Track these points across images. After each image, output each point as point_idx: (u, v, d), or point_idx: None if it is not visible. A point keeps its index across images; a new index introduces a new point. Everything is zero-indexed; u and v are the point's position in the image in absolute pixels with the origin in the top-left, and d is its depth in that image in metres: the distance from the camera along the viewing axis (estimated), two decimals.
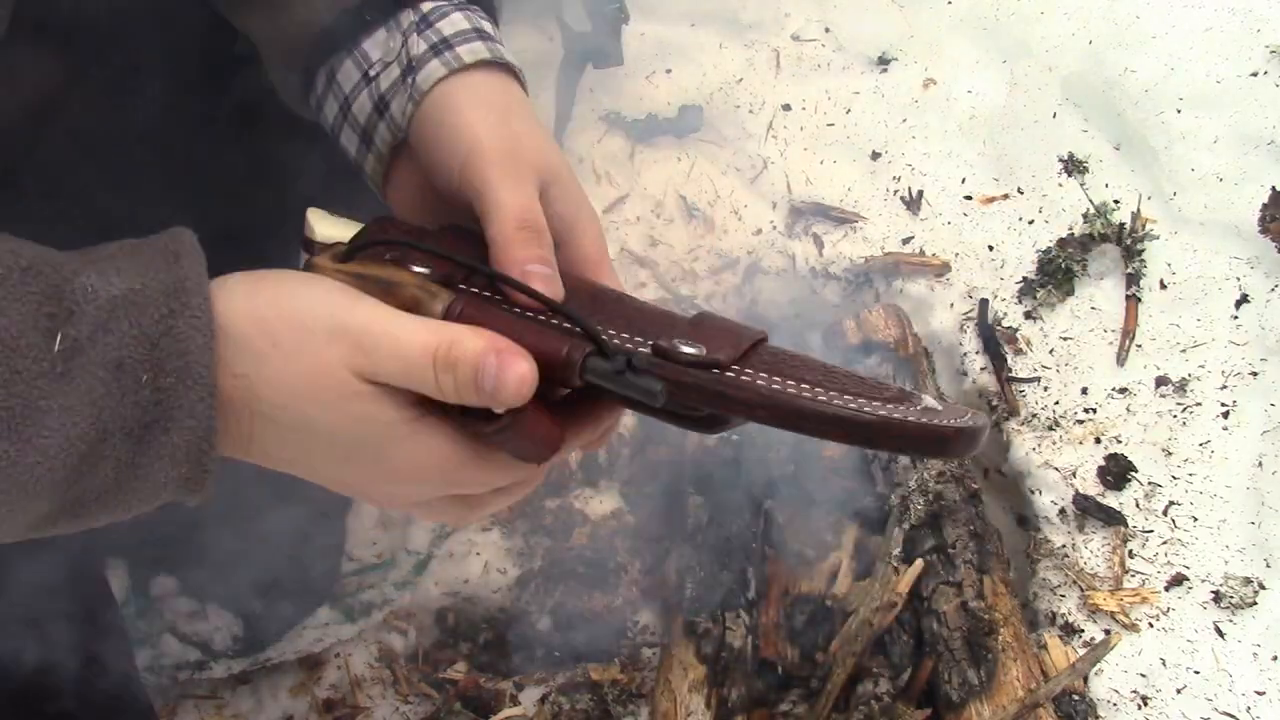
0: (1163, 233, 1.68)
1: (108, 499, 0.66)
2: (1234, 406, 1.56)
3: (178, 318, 0.64)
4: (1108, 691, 1.41)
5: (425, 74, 0.81)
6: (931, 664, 1.41)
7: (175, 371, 0.64)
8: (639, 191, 1.86)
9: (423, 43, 0.82)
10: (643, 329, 0.73)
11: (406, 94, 0.81)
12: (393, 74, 0.82)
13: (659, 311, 0.76)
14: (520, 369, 0.67)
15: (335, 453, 0.71)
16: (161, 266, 0.66)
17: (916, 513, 1.46)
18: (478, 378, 0.67)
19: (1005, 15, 1.88)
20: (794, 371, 0.69)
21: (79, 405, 0.62)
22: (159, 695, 1.49)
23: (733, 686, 1.41)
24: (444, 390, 0.67)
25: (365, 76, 0.84)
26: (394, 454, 0.70)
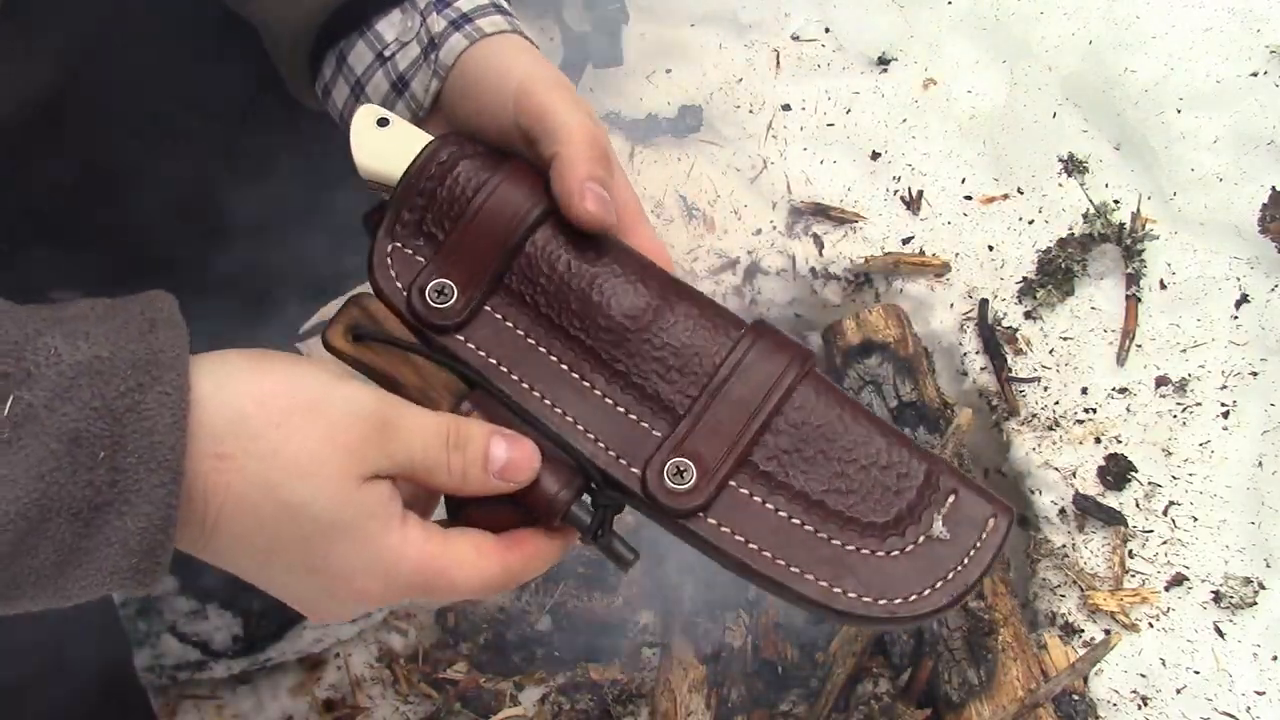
0: (1163, 233, 1.68)
1: (45, 585, 0.60)
2: (1234, 406, 1.56)
3: (146, 391, 0.59)
4: (1108, 691, 1.41)
5: (448, 48, 0.79)
6: (931, 664, 1.41)
7: (137, 451, 0.59)
8: (639, 191, 1.85)
9: (442, 20, 0.80)
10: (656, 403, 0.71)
11: (430, 70, 0.80)
12: (411, 53, 0.81)
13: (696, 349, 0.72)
14: (524, 449, 0.68)
15: (310, 551, 0.66)
16: (135, 335, 0.61)
17: None
18: (488, 456, 0.67)
19: (1005, 15, 1.88)
20: (782, 493, 0.68)
21: (23, 478, 0.57)
22: (159, 695, 1.49)
23: (733, 686, 1.41)
24: (452, 468, 0.67)
25: (380, 57, 0.82)
26: (376, 552, 0.66)
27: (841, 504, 0.68)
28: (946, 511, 0.68)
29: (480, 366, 0.72)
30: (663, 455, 0.69)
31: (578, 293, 0.72)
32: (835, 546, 0.67)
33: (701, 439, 0.69)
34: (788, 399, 0.70)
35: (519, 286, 0.73)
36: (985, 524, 0.68)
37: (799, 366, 0.71)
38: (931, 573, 0.66)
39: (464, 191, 0.73)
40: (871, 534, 0.67)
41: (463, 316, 0.73)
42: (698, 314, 0.73)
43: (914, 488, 0.68)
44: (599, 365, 0.72)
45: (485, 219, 0.73)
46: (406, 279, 0.73)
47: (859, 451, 0.69)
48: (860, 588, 0.66)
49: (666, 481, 0.68)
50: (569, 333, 0.72)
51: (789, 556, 0.67)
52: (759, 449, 0.69)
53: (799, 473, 0.69)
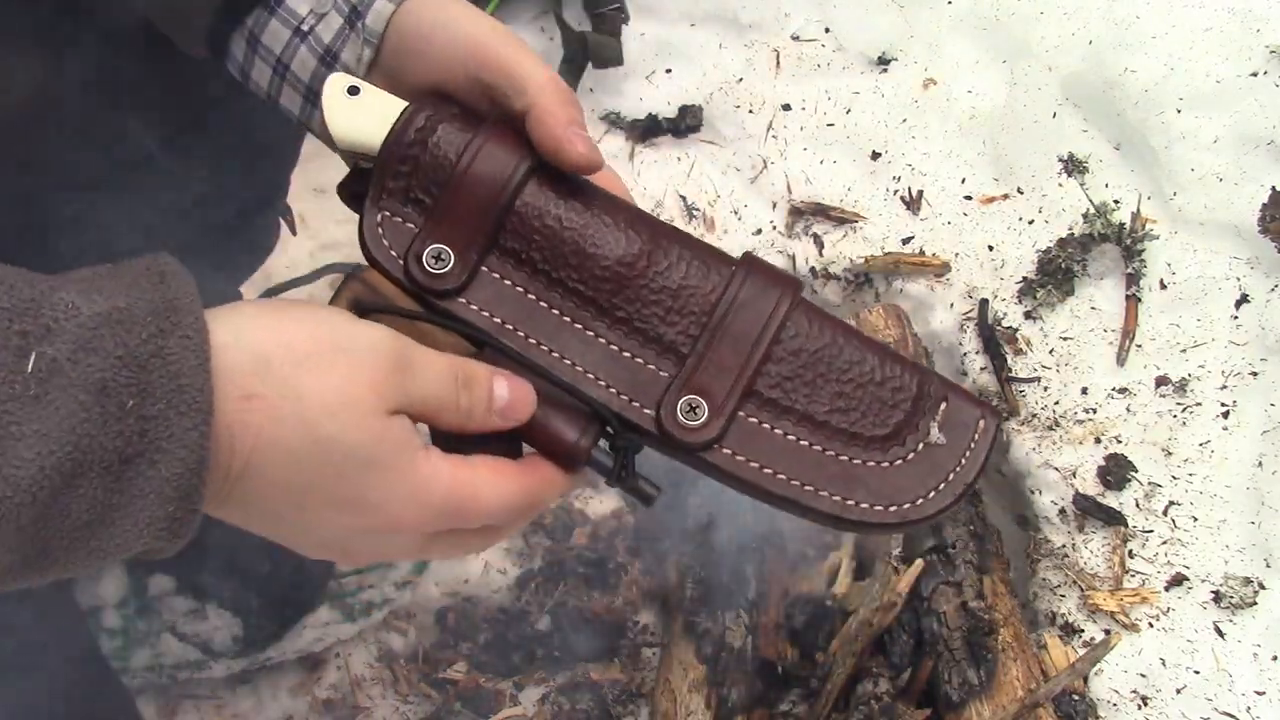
0: (1163, 233, 1.68)
1: (77, 546, 0.59)
2: (1234, 406, 1.56)
3: (167, 337, 0.59)
4: (1108, 691, 1.41)
5: (375, 14, 0.78)
6: (931, 664, 1.41)
7: (165, 396, 0.59)
8: (639, 191, 1.86)
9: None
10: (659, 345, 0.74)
11: (359, 39, 0.79)
12: (334, 23, 0.79)
13: (692, 289, 0.74)
14: (524, 388, 0.71)
15: (340, 488, 0.66)
16: (147, 286, 0.61)
17: None
18: (491, 395, 0.69)
19: (1005, 15, 1.88)
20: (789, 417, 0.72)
21: (55, 432, 0.56)
22: (159, 695, 1.49)
23: (733, 686, 1.41)
24: (460, 407, 0.69)
25: (298, 32, 0.80)
26: (406, 483, 0.67)
27: (844, 422, 0.72)
28: (940, 418, 0.72)
29: (485, 326, 0.73)
30: (674, 394, 0.72)
31: (571, 245, 0.74)
32: (843, 462, 0.71)
33: (708, 375, 0.72)
34: (784, 328, 0.73)
35: (514, 245, 0.74)
36: (976, 426, 0.72)
37: (791, 295, 0.74)
38: (934, 476, 0.71)
39: (447, 155, 0.74)
40: (875, 446, 0.71)
41: (462, 279, 0.73)
42: (690, 255, 0.75)
43: (909, 399, 0.72)
44: (600, 314, 0.74)
45: (473, 181, 0.74)
46: (401, 247, 0.74)
47: (855, 371, 0.73)
48: (870, 498, 0.70)
49: (680, 418, 0.71)
50: (567, 285, 0.74)
51: (802, 476, 0.71)
52: (762, 378, 0.73)
53: (802, 396, 0.72)
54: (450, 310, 0.73)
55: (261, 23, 0.81)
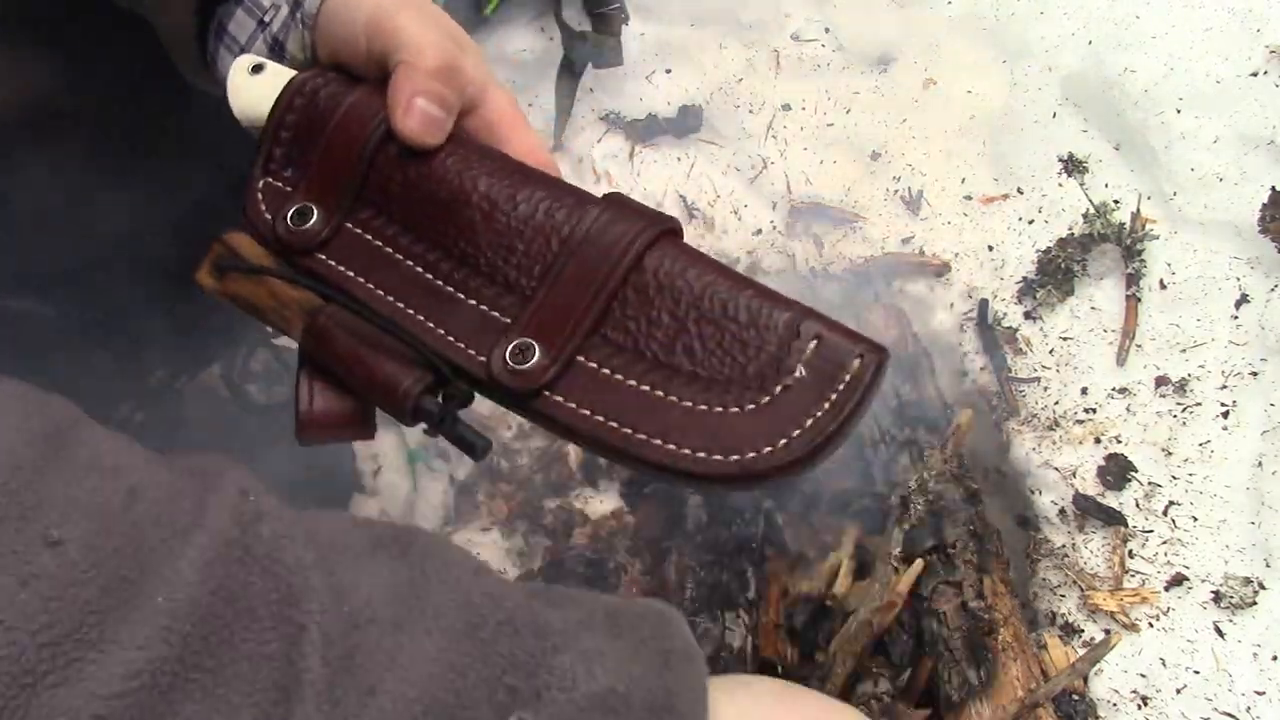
0: (1163, 233, 1.68)
1: None
2: (1234, 406, 1.56)
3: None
4: (1108, 691, 1.41)
5: (309, 2, 0.78)
6: (931, 664, 1.41)
7: None
8: (639, 191, 1.86)
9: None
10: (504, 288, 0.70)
11: (300, 27, 0.79)
12: (282, 13, 0.80)
13: (548, 228, 0.70)
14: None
15: None
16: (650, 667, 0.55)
17: (916, 513, 1.45)
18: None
19: (1005, 15, 1.88)
20: (634, 362, 0.66)
21: None
22: None
23: None
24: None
25: (260, 23, 0.81)
26: None
27: (693, 364, 0.64)
28: (807, 356, 0.63)
29: (336, 279, 0.72)
30: (506, 338, 0.67)
31: (427, 192, 0.73)
32: (686, 408, 0.63)
33: (546, 317, 0.67)
34: (637, 266, 0.67)
35: (375, 197, 0.74)
36: (849, 364, 0.63)
37: (651, 232, 0.68)
38: (789, 422, 0.61)
39: (321, 114, 0.75)
40: (727, 391, 0.63)
41: (323, 235, 0.73)
42: (549, 195, 0.71)
43: (774, 339, 0.64)
44: (450, 259, 0.72)
45: (337, 136, 0.74)
46: (275, 209, 0.74)
47: (715, 310, 0.66)
48: (709, 446, 0.61)
49: (509, 362, 0.66)
50: (421, 231, 0.73)
51: (636, 424, 0.63)
52: (608, 320, 0.67)
53: (649, 339, 0.66)
54: (310, 268, 0.73)
55: (229, 11, 0.82)
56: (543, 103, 1.90)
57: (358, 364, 0.68)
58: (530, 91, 1.93)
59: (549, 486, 1.63)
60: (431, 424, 0.68)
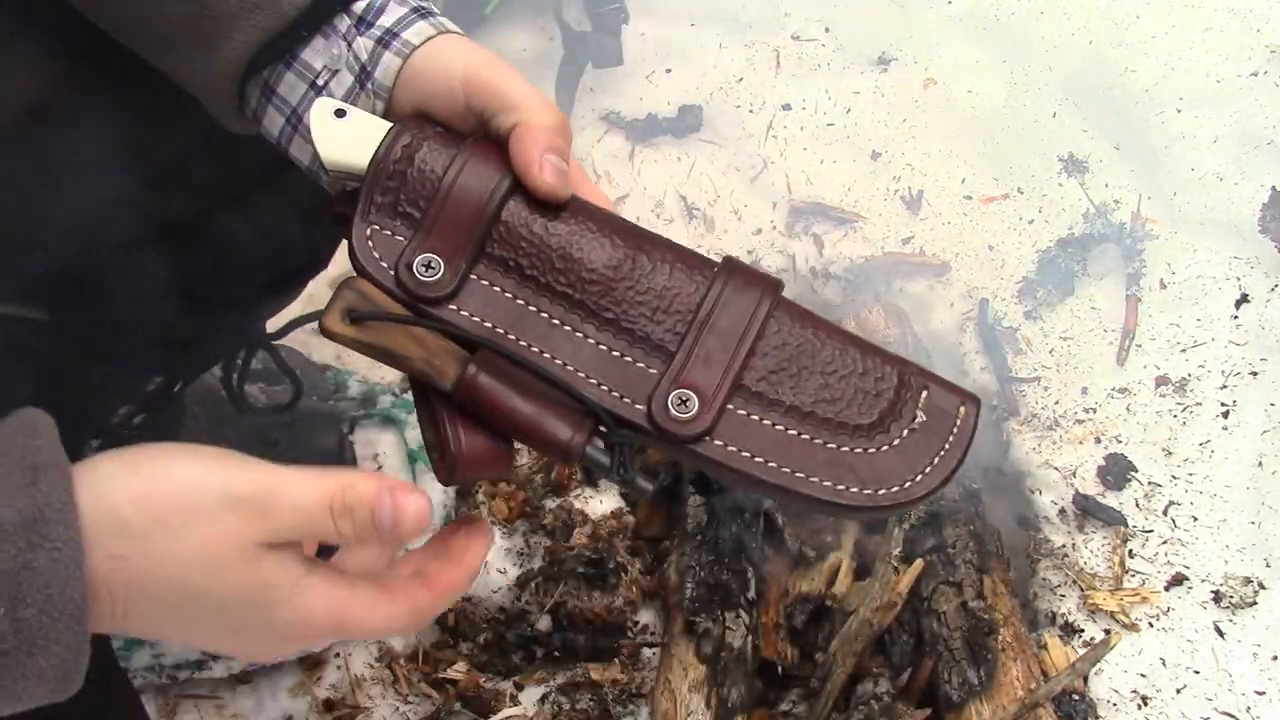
0: (1163, 233, 1.68)
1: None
2: (1234, 406, 1.56)
3: (37, 551, 0.61)
4: (1108, 691, 1.41)
5: (383, 69, 0.79)
6: (931, 664, 1.41)
7: (38, 604, 0.61)
8: (639, 191, 1.86)
9: (368, 41, 0.79)
10: (648, 344, 0.76)
11: (370, 95, 0.80)
12: (345, 80, 0.80)
13: (676, 289, 0.77)
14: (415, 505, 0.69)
15: (224, 621, 0.69)
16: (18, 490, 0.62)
17: (916, 513, 1.45)
18: (375, 519, 0.68)
19: (1005, 15, 1.88)
20: (777, 409, 0.74)
21: None
22: (159, 694, 1.49)
23: (733, 686, 1.41)
24: (343, 534, 0.68)
25: (313, 85, 0.81)
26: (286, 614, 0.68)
27: (830, 411, 0.74)
28: (923, 405, 0.75)
29: (477, 332, 0.75)
30: (664, 389, 0.74)
31: (558, 251, 0.76)
32: (831, 450, 0.73)
33: (696, 370, 0.75)
34: (767, 324, 0.76)
35: (501, 252, 0.77)
36: (958, 412, 0.75)
37: (772, 295, 0.77)
38: (921, 460, 0.73)
39: (433, 169, 0.77)
40: (861, 434, 0.74)
41: (452, 287, 0.75)
42: (673, 258, 0.78)
43: (891, 388, 0.75)
44: (589, 316, 0.76)
45: (460, 192, 0.76)
46: (391, 258, 0.76)
47: (837, 363, 0.75)
48: (859, 482, 0.72)
49: (672, 411, 0.73)
50: (555, 289, 0.76)
51: (793, 464, 0.73)
52: (749, 373, 0.75)
53: (787, 389, 0.75)
54: (441, 317, 0.75)
55: (278, 74, 0.82)
56: None
57: (518, 414, 0.73)
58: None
59: (549, 486, 1.63)
60: (603, 472, 0.74)
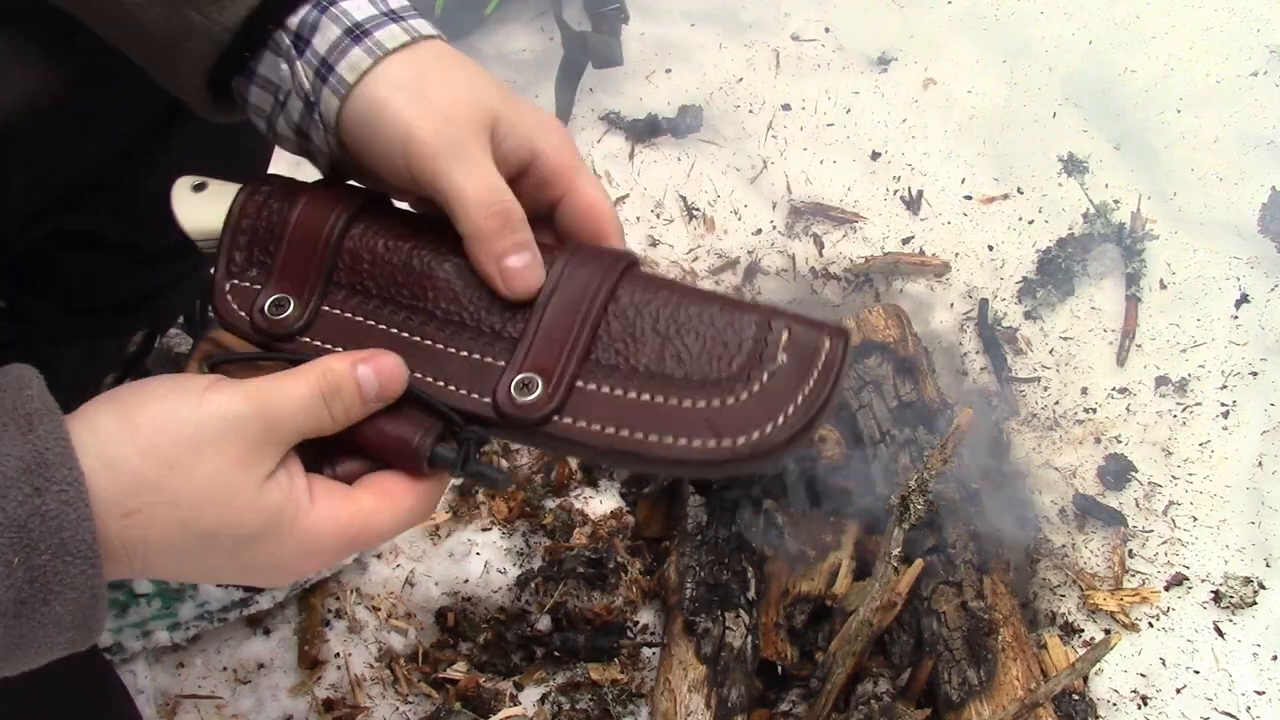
0: (1163, 233, 1.68)
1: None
2: (1234, 406, 1.56)
3: (44, 495, 0.61)
4: (1108, 691, 1.41)
5: (325, 105, 0.76)
6: (931, 664, 1.41)
7: (51, 549, 0.61)
8: (639, 191, 1.86)
9: (308, 69, 0.76)
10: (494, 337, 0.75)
11: (320, 127, 0.77)
12: (297, 106, 0.78)
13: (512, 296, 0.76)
14: (390, 362, 0.72)
15: (237, 558, 0.70)
16: (16, 438, 0.62)
17: (916, 513, 1.46)
18: (361, 389, 0.71)
19: (1005, 15, 1.88)
20: (629, 378, 0.73)
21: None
22: (159, 695, 1.50)
23: (733, 686, 1.41)
24: (336, 418, 0.71)
25: (277, 101, 0.79)
26: (297, 540, 0.70)
27: (683, 370, 0.72)
28: (784, 346, 0.71)
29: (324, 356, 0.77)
30: (508, 376, 0.74)
31: (400, 266, 0.78)
32: (686, 408, 0.71)
33: (541, 353, 0.74)
34: (613, 296, 0.75)
35: (348, 279, 0.79)
36: (822, 345, 0.71)
37: (619, 266, 0.75)
38: (781, 402, 0.69)
39: (279, 217, 0.80)
40: (720, 388, 0.71)
41: (304, 320, 0.78)
42: None
43: (749, 338, 0.72)
44: (434, 321, 0.77)
45: (301, 230, 0.79)
46: (247, 306, 0.79)
47: (691, 323, 0.73)
48: (716, 436, 0.70)
49: (515, 397, 0.73)
50: (401, 302, 0.77)
51: (645, 429, 0.71)
52: (597, 345, 0.74)
53: (636, 356, 0.73)
54: (296, 350, 0.77)
55: (244, 86, 0.80)
56: (543, 103, 1.90)
57: (366, 428, 0.73)
58: (530, 91, 1.93)
59: (549, 486, 1.63)
60: (450, 469, 0.74)
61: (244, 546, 0.69)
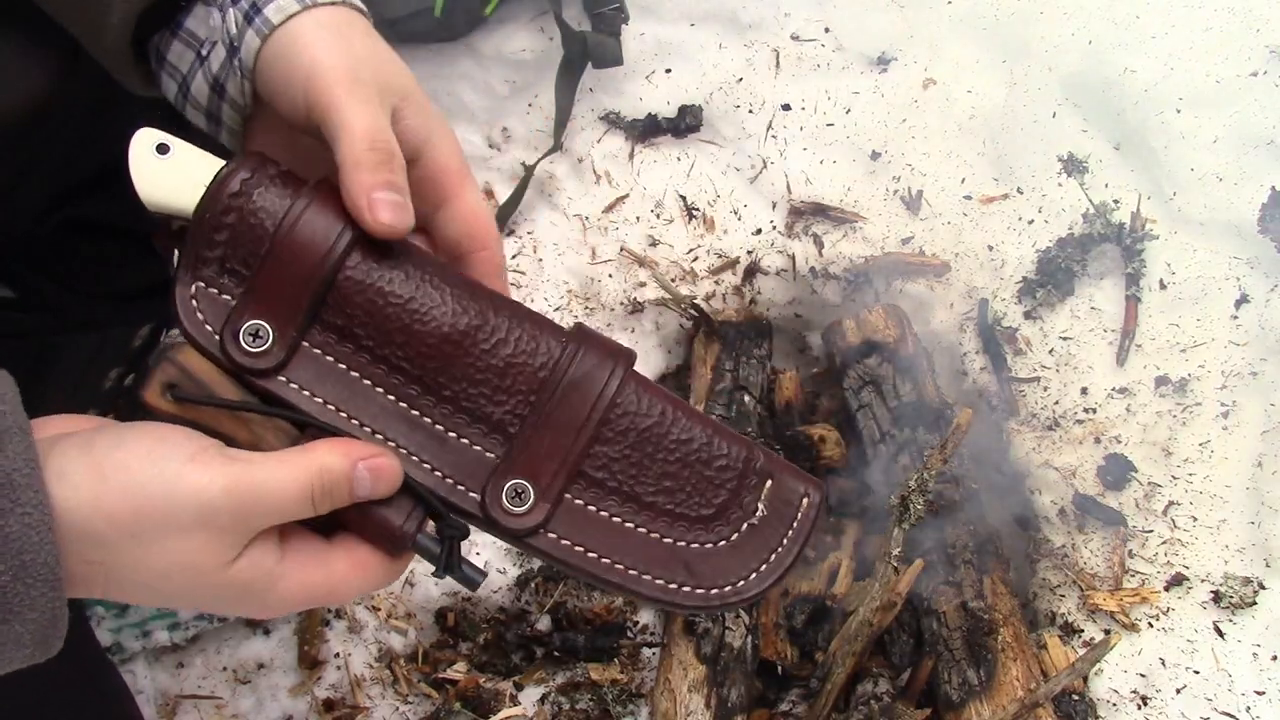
0: (1163, 233, 1.68)
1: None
2: (1234, 406, 1.56)
3: (7, 516, 0.60)
4: (1108, 691, 1.41)
5: (246, 48, 0.75)
6: (931, 664, 1.41)
7: (11, 570, 0.60)
8: (639, 191, 1.86)
9: (237, 13, 0.75)
10: (487, 424, 0.72)
11: (237, 74, 0.76)
12: (220, 54, 0.76)
13: (519, 366, 0.72)
14: (389, 465, 0.69)
15: (206, 606, 0.70)
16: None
17: (916, 513, 1.46)
18: (354, 491, 0.68)
19: (1005, 15, 1.88)
20: (616, 498, 0.72)
21: None
22: (159, 695, 1.50)
23: (733, 686, 1.41)
24: (319, 510, 0.68)
25: (199, 56, 0.78)
26: (267, 604, 0.69)
27: (670, 503, 0.72)
28: (764, 497, 0.73)
29: (307, 408, 0.70)
30: (499, 478, 0.71)
31: (395, 321, 0.71)
32: (667, 545, 0.71)
33: (535, 457, 0.71)
34: (613, 407, 0.72)
35: (336, 319, 0.71)
36: (800, 503, 0.73)
37: (620, 373, 0.73)
38: (756, 556, 0.72)
39: (264, 223, 0.70)
40: (699, 526, 0.72)
41: (281, 357, 0.70)
42: (519, 329, 0.73)
43: (735, 476, 0.73)
44: (426, 391, 0.71)
45: (291, 251, 0.70)
46: (217, 322, 0.70)
47: (682, 450, 0.73)
48: (693, 581, 0.71)
49: (505, 504, 0.70)
50: (392, 362, 0.71)
51: (627, 560, 0.71)
52: (590, 460, 0.72)
53: (628, 478, 0.72)
54: (270, 390, 0.69)
55: (166, 41, 0.79)
56: (543, 103, 1.90)
57: (348, 506, 0.69)
58: (530, 91, 1.93)
59: None
60: (434, 567, 0.71)
61: (214, 603, 0.68)
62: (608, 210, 1.85)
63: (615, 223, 1.84)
